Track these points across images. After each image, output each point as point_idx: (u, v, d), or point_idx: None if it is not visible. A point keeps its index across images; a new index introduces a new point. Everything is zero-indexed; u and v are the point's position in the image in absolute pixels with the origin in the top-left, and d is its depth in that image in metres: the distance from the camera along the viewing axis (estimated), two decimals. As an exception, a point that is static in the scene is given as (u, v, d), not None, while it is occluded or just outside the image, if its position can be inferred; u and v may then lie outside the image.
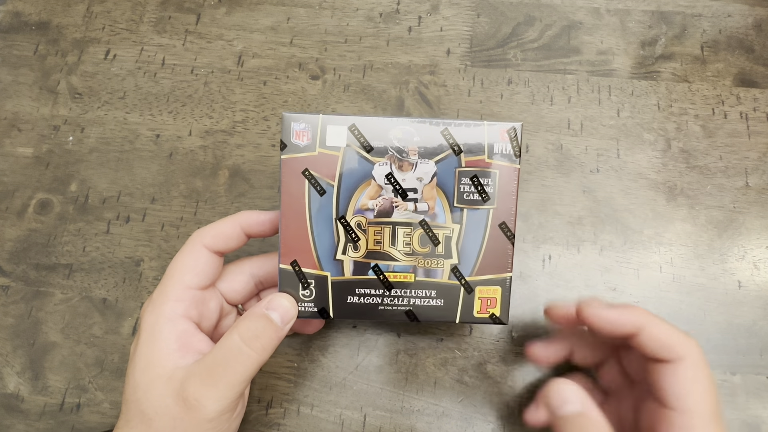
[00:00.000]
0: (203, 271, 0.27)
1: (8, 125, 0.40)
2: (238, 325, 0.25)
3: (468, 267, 0.27)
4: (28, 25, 0.44)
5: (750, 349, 0.33)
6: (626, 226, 0.36)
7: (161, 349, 0.25)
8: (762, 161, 0.37)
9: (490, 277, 0.27)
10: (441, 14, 0.43)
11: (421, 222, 0.26)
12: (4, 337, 0.35)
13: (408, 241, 0.26)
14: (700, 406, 0.23)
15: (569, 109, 0.39)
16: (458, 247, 0.26)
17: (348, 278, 0.27)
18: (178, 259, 0.27)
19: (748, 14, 0.42)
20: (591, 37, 0.41)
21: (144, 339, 0.25)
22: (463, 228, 0.26)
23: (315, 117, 0.26)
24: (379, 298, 0.27)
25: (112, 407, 0.33)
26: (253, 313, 0.25)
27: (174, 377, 0.24)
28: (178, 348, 0.25)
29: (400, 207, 0.26)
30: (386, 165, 0.26)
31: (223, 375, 0.24)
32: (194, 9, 0.44)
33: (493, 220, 0.26)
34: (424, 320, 0.27)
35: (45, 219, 0.38)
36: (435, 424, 0.32)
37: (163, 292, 0.26)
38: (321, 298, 0.27)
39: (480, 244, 0.26)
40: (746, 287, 0.34)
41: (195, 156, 0.39)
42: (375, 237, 0.26)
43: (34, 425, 0.33)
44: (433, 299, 0.27)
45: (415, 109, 0.39)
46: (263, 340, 0.25)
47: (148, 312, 0.26)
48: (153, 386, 0.24)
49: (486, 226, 0.26)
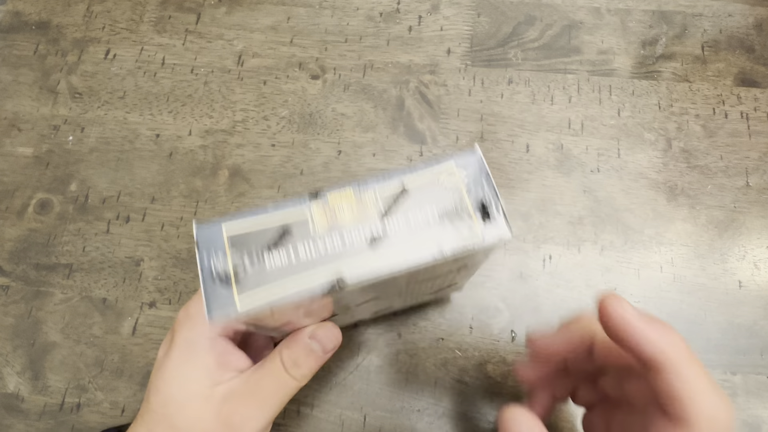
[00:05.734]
0: None
1: (8, 125, 0.40)
2: (281, 350, 0.25)
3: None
4: (28, 25, 0.44)
5: (750, 348, 0.33)
6: (627, 225, 0.36)
7: (200, 367, 0.25)
8: (762, 161, 0.37)
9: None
10: (441, 14, 0.43)
11: None
12: (4, 337, 0.35)
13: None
14: (702, 414, 0.20)
15: (570, 109, 0.39)
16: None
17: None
18: None
19: (748, 14, 0.42)
20: (592, 36, 0.41)
21: (180, 354, 0.25)
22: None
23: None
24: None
25: (112, 407, 0.33)
26: (297, 340, 0.25)
27: (213, 396, 0.24)
28: (217, 367, 0.25)
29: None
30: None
31: (264, 397, 0.24)
32: (194, 9, 0.44)
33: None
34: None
35: (45, 219, 0.38)
36: (435, 425, 0.32)
37: (202, 309, 0.26)
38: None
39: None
40: (747, 287, 0.34)
41: (195, 156, 0.39)
42: None
43: (34, 425, 0.33)
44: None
45: (416, 109, 0.39)
46: (304, 369, 0.25)
47: (186, 327, 0.25)
48: (190, 403, 0.24)
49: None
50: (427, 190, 0.20)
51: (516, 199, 0.37)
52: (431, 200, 0.20)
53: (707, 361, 0.33)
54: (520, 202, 0.37)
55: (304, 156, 0.38)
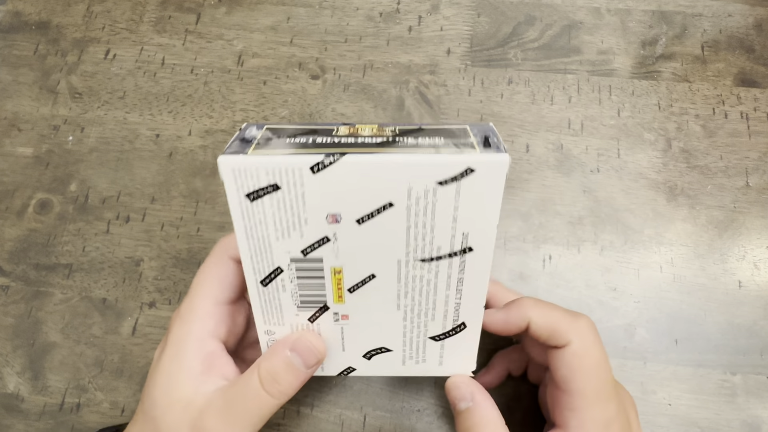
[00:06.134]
0: (231, 284, 0.26)
1: (8, 125, 0.40)
2: (260, 363, 0.24)
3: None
4: (28, 25, 0.44)
5: (750, 349, 0.33)
6: (627, 226, 0.36)
7: (184, 370, 0.24)
8: (762, 161, 0.37)
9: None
10: (441, 14, 0.43)
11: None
12: (4, 337, 0.35)
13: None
14: (584, 388, 0.24)
15: (570, 109, 0.39)
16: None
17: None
18: (205, 272, 0.26)
19: (748, 14, 0.42)
20: (591, 36, 0.41)
21: (169, 354, 0.25)
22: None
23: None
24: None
25: (111, 407, 0.33)
26: (276, 352, 0.24)
27: (192, 404, 0.23)
28: (202, 371, 0.24)
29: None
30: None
31: (240, 414, 0.23)
32: (194, 9, 0.44)
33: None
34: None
35: (45, 219, 0.38)
36: (435, 425, 0.32)
37: (191, 308, 0.25)
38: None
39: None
40: (747, 287, 0.34)
41: (195, 156, 0.39)
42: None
43: (34, 425, 0.33)
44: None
45: (416, 109, 0.39)
46: (283, 385, 0.23)
47: (176, 326, 0.25)
48: (171, 409, 0.24)
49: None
50: (440, 130, 0.23)
51: (516, 199, 0.37)
52: (441, 134, 0.22)
53: (707, 361, 0.33)
54: (520, 202, 0.37)
55: (304, 156, 0.38)
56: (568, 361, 0.24)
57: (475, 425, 0.24)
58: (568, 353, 0.24)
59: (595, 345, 0.25)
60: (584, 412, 0.24)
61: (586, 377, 0.24)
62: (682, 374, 0.32)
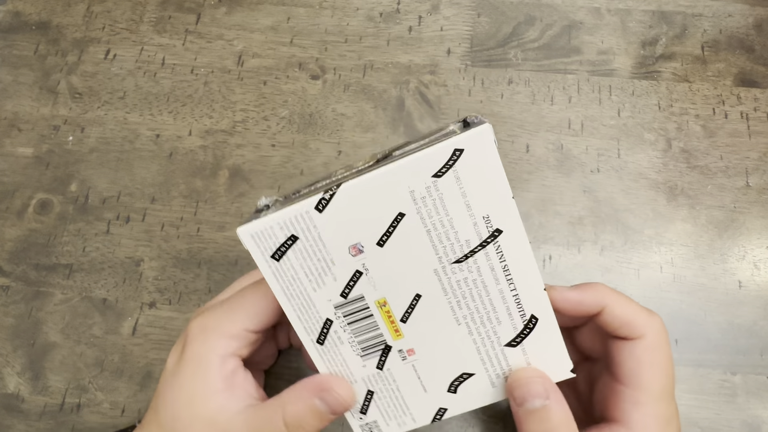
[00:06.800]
0: (267, 316, 0.25)
1: (8, 125, 0.40)
2: (285, 404, 0.23)
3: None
4: (28, 25, 0.44)
5: (750, 349, 0.33)
6: (627, 226, 0.36)
7: (207, 386, 0.24)
8: (762, 161, 0.37)
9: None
10: (441, 14, 0.43)
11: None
12: (4, 337, 0.35)
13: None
14: (652, 384, 0.23)
15: (570, 109, 0.39)
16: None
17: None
18: (246, 295, 0.25)
19: (748, 14, 0.42)
20: (591, 36, 0.41)
21: (190, 369, 0.24)
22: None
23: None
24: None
25: (112, 407, 0.33)
26: (302, 397, 0.23)
27: (217, 422, 0.23)
28: (225, 388, 0.24)
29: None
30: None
31: None
32: (194, 9, 0.44)
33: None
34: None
35: (45, 219, 0.38)
36: (435, 424, 0.32)
37: (219, 325, 0.24)
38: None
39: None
40: (747, 287, 0.34)
41: (195, 156, 0.39)
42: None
43: (34, 425, 0.33)
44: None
45: (416, 109, 0.39)
46: (307, 429, 0.23)
47: (198, 341, 0.24)
48: (194, 425, 0.24)
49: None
50: (425, 134, 0.24)
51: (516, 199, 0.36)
52: (426, 137, 0.23)
53: (707, 361, 0.33)
54: (519, 203, 0.37)
55: (304, 156, 0.38)
56: (639, 355, 0.23)
57: (553, 429, 0.22)
58: (639, 347, 0.23)
59: (668, 343, 0.24)
60: (649, 407, 0.23)
61: (656, 373, 0.23)
62: (682, 374, 0.32)
